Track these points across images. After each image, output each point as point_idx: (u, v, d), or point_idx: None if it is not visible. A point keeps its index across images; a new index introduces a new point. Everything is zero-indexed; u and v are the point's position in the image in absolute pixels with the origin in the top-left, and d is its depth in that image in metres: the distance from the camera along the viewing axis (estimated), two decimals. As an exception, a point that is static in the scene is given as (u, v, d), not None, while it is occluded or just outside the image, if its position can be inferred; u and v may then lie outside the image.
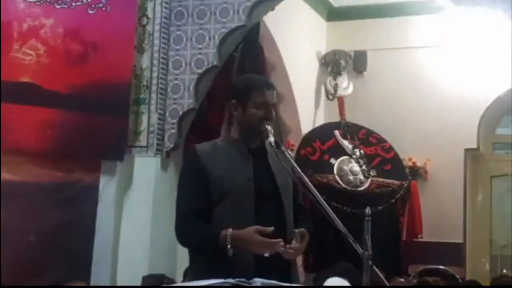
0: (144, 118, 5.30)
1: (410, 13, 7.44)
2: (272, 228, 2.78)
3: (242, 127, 3.01)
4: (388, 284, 2.89)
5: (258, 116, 2.95)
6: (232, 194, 2.92)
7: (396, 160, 7.04)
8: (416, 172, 7.18)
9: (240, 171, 2.95)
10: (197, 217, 2.92)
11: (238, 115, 2.99)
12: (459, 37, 7.21)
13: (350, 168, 6.80)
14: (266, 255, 2.78)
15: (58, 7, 5.31)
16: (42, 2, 5.31)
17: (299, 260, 5.52)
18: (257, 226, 2.79)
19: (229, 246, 2.78)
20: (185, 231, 2.94)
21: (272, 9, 5.56)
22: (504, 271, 7.03)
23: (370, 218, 2.61)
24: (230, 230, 2.80)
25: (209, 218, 2.90)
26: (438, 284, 4.91)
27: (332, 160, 6.78)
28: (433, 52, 7.38)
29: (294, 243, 2.84)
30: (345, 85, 7.53)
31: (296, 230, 2.87)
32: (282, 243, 2.76)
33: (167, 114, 5.32)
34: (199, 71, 5.28)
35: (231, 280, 2.51)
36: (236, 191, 2.92)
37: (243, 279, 2.50)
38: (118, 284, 5.09)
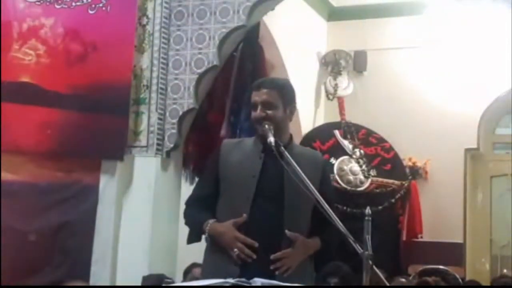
0: (144, 118, 5.30)
1: (410, 12, 7.43)
2: (243, 217, 2.90)
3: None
4: (388, 284, 2.89)
5: (252, 117, 3.06)
6: (234, 189, 3.00)
7: (396, 160, 7.04)
8: (416, 172, 7.18)
9: (247, 168, 3.00)
10: (200, 204, 3.08)
11: None
12: (459, 37, 7.20)
13: (350, 168, 6.80)
14: (234, 253, 2.87)
15: (58, 7, 5.31)
16: (42, 2, 5.31)
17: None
18: (234, 220, 2.92)
19: (206, 234, 2.98)
20: (185, 212, 3.14)
21: (272, 9, 5.55)
22: (505, 271, 7.03)
23: (370, 218, 2.62)
24: (213, 220, 2.98)
25: (211, 207, 3.03)
26: (438, 284, 4.91)
27: (332, 160, 6.77)
28: (434, 52, 7.37)
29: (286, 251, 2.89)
30: (345, 85, 7.53)
31: (287, 231, 2.90)
32: (251, 254, 2.86)
33: (167, 114, 5.32)
34: (199, 71, 5.28)
35: (231, 280, 2.51)
36: (238, 187, 2.98)
37: (243, 279, 2.50)
38: (118, 284, 5.09)
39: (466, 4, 6.93)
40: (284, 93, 3.08)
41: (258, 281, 2.49)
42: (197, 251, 3.32)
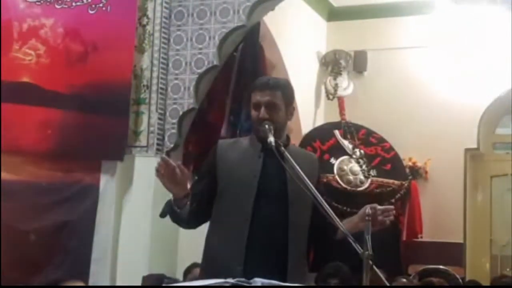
0: (144, 118, 5.31)
1: (410, 13, 7.43)
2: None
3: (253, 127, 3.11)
4: (388, 284, 2.88)
5: (254, 117, 3.02)
6: (235, 189, 2.98)
7: (396, 160, 7.03)
8: (416, 172, 7.17)
9: (248, 168, 2.99)
10: (192, 199, 3.03)
11: None
12: (459, 37, 7.20)
13: (350, 168, 6.79)
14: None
15: (58, 7, 5.31)
16: (42, 2, 5.32)
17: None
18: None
19: (175, 207, 3.00)
20: None
21: (272, 9, 5.56)
22: (507, 269, 7.03)
23: (370, 218, 2.62)
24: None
25: (202, 202, 3.00)
26: (442, 285, 4.91)
27: (332, 160, 6.77)
28: (433, 52, 7.37)
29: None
30: (345, 85, 7.53)
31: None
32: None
33: (167, 114, 5.32)
34: (199, 71, 5.28)
35: (231, 280, 2.51)
36: (239, 187, 2.97)
37: (243, 279, 2.50)
38: (118, 284, 5.09)
39: (467, 5, 6.92)
40: (286, 94, 3.07)
41: (258, 281, 2.49)
42: (197, 251, 3.32)
